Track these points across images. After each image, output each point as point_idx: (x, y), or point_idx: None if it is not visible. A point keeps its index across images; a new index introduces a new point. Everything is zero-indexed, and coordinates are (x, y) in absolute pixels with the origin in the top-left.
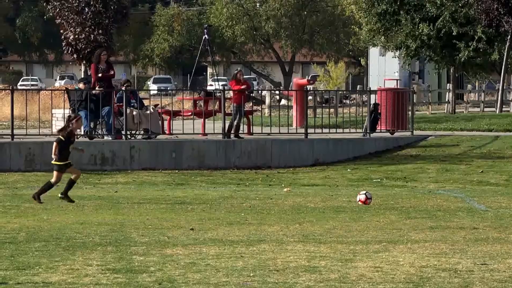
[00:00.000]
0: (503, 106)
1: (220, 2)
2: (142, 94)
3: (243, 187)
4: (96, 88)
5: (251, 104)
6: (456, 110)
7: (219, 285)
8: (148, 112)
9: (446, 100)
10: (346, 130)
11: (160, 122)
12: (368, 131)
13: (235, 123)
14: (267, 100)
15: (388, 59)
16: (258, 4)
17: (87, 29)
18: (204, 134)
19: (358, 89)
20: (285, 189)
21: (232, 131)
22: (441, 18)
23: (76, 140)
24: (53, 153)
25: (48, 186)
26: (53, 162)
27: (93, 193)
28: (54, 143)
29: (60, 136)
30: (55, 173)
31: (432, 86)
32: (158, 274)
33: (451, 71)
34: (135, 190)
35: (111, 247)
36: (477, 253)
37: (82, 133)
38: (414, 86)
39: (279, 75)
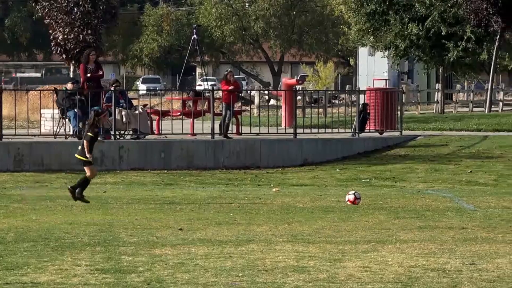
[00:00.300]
0: (492, 106)
1: (209, 2)
2: (131, 94)
3: (232, 187)
4: (85, 88)
5: (240, 104)
6: (445, 110)
7: (208, 285)
8: (137, 112)
9: (435, 100)
10: (335, 130)
11: (149, 122)
12: (357, 131)
13: (223, 122)
14: (256, 100)
15: (377, 59)
16: (247, 4)
17: (76, 29)
18: (193, 134)
19: (347, 89)
20: (274, 189)
21: (222, 131)
22: (430, 18)
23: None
24: (87, 153)
25: (85, 181)
26: (88, 158)
27: None
28: (86, 142)
29: (90, 134)
30: (86, 168)
31: (421, 86)
32: (147, 274)
33: (440, 71)
34: (124, 190)
35: (99, 247)
36: (466, 253)
37: (71, 133)
38: (403, 86)
39: (268, 75)
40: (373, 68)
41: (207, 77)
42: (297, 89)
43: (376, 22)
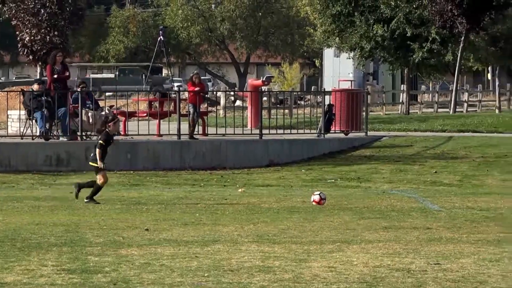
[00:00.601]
0: (457, 107)
1: (175, 4)
2: (97, 95)
3: (197, 187)
4: (52, 90)
5: (206, 105)
6: (410, 111)
7: (174, 285)
8: (103, 113)
9: (400, 101)
10: (301, 131)
11: None
12: (322, 132)
13: (190, 122)
14: (222, 101)
15: (343, 60)
16: (213, 6)
17: (42, 30)
18: (159, 135)
19: (312, 90)
20: (240, 190)
21: (189, 132)
22: (395, 20)
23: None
24: (98, 160)
25: (97, 188)
26: (98, 165)
27: (48, 193)
28: (98, 150)
29: (101, 142)
30: (98, 175)
31: (386, 87)
32: (113, 274)
33: (405, 72)
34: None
35: (66, 247)
36: (431, 253)
37: (38, 134)
38: (368, 87)
39: (234, 76)
40: (339, 69)
41: (173, 78)
42: (263, 90)
43: (342, 24)
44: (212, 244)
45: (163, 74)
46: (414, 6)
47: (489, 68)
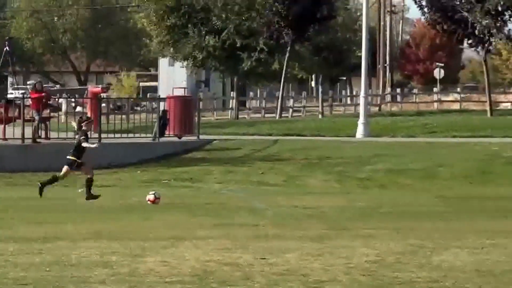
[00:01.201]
0: (283, 112)
1: (20, 16)
2: None
3: None
4: None
5: (48, 111)
6: (239, 116)
7: (17, 279)
8: None
9: (230, 106)
10: (137, 135)
11: None
12: (157, 136)
13: (33, 127)
14: (64, 107)
15: (177, 69)
16: (56, 18)
17: None
18: (4, 138)
19: (148, 96)
20: (79, 190)
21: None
22: (226, 31)
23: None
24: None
25: (54, 179)
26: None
27: None
28: (85, 143)
29: (83, 137)
30: (82, 170)
31: (217, 94)
32: None
33: (235, 80)
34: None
35: None
36: (258, 249)
37: None
38: (200, 94)
39: (75, 84)
40: (173, 77)
41: (18, 86)
42: (102, 97)
43: (176, 35)
44: (54, 241)
45: (9, 83)
46: (243, 18)
47: (313, 76)
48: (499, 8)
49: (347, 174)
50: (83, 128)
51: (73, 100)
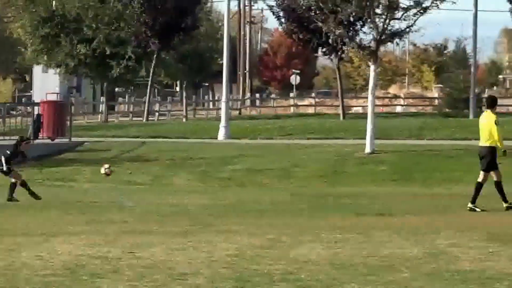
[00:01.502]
0: (150, 116)
1: None
2: None
3: None
4: None
5: None
6: (109, 119)
7: None
8: None
9: (100, 110)
10: (13, 138)
11: None
12: (32, 138)
13: None
14: None
15: (50, 75)
16: None
17: None
18: None
19: (23, 101)
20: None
21: None
22: (96, 40)
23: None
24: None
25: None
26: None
27: None
28: (3, 157)
29: (9, 152)
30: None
31: (88, 99)
32: None
33: (105, 85)
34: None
35: None
36: (126, 244)
37: None
38: (72, 99)
39: None
40: (47, 83)
41: None
42: None
43: (49, 43)
44: None
45: None
46: (113, 28)
47: (178, 82)
48: (351, 19)
49: (210, 174)
50: (20, 146)
51: None
